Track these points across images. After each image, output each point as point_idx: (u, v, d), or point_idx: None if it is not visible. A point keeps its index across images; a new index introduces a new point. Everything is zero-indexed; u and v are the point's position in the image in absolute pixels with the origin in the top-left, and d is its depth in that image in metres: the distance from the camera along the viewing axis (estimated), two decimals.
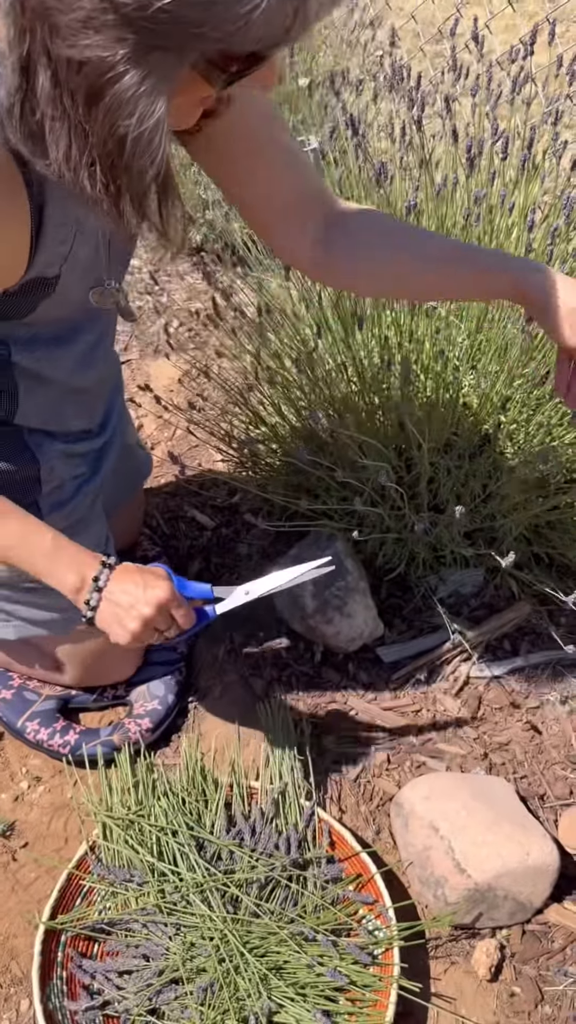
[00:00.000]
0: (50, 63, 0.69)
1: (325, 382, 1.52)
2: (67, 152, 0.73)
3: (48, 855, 1.31)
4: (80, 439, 1.25)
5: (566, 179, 1.48)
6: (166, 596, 1.05)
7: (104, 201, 0.76)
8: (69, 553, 1.04)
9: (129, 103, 0.67)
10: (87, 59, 0.66)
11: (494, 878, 1.18)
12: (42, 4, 0.65)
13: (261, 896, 1.16)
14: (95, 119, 0.70)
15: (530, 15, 3.85)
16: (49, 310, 1.01)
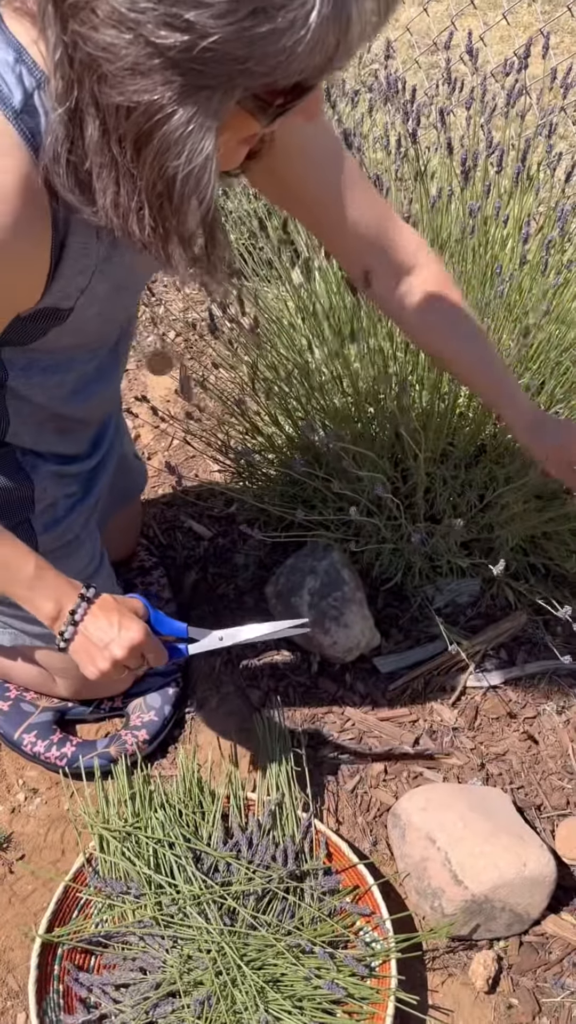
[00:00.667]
0: (98, 112, 0.70)
1: (321, 393, 1.52)
2: (115, 198, 0.75)
3: (45, 867, 1.31)
4: (71, 461, 1.25)
5: (561, 191, 1.49)
6: (139, 639, 1.05)
7: (153, 244, 0.78)
8: (49, 582, 1.04)
9: (178, 143, 0.68)
10: (135, 104, 0.67)
11: (491, 889, 1.18)
12: (90, 55, 0.66)
13: (258, 908, 1.16)
14: (144, 162, 0.71)
15: (525, 26, 3.87)
16: (60, 338, 1.00)
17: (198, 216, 0.75)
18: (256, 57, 0.63)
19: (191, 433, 1.70)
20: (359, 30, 0.64)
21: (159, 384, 2.15)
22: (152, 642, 1.09)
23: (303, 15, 0.61)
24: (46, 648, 1.32)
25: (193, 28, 0.61)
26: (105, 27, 0.64)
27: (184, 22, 0.61)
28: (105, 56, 0.65)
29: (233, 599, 1.65)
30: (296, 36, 0.62)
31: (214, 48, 0.62)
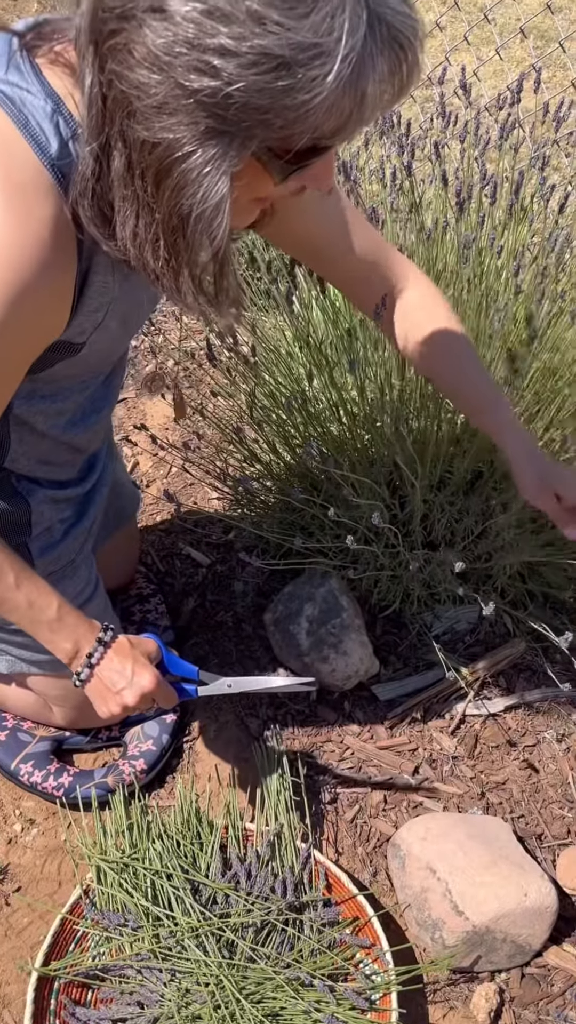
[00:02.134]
0: (125, 147, 0.75)
1: (318, 421, 1.53)
2: (134, 229, 0.79)
3: (41, 899, 1.30)
4: (65, 485, 1.26)
5: (554, 222, 1.51)
6: (149, 688, 1.09)
7: (165, 275, 0.82)
8: (70, 623, 1.08)
9: (195, 182, 0.73)
10: (160, 140, 0.72)
11: (492, 920, 1.17)
12: (123, 92, 0.71)
13: (257, 940, 1.15)
14: (162, 197, 0.75)
15: (518, 61, 3.94)
16: (66, 369, 1.04)
17: (209, 253, 0.79)
18: (275, 109, 0.68)
19: (190, 461, 1.71)
20: (373, 104, 0.70)
21: (158, 412, 2.16)
22: (162, 688, 1.12)
23: (322, 75, 0.66)
24: (43, 675, 1.32)
25: (220, 75, 0.66)
26: (140, 67, 0.69)
27: (212, 68, 0.66)
28: (136, 93, 0.70)
29: (231, 626, 1.65)
30: (313, 94, 0.67)
31: (237, 96, 0.67)
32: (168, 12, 0.66)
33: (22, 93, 0.81)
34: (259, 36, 0.65)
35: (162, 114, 0.70)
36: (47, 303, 0.88)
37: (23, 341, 0.90)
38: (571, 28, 4.23)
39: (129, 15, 0.68)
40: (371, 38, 0.67)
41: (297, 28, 0.65)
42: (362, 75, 0.68)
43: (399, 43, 0.69)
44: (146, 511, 1.91)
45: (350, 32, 0.65)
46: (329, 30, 0.65)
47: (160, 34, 0.67)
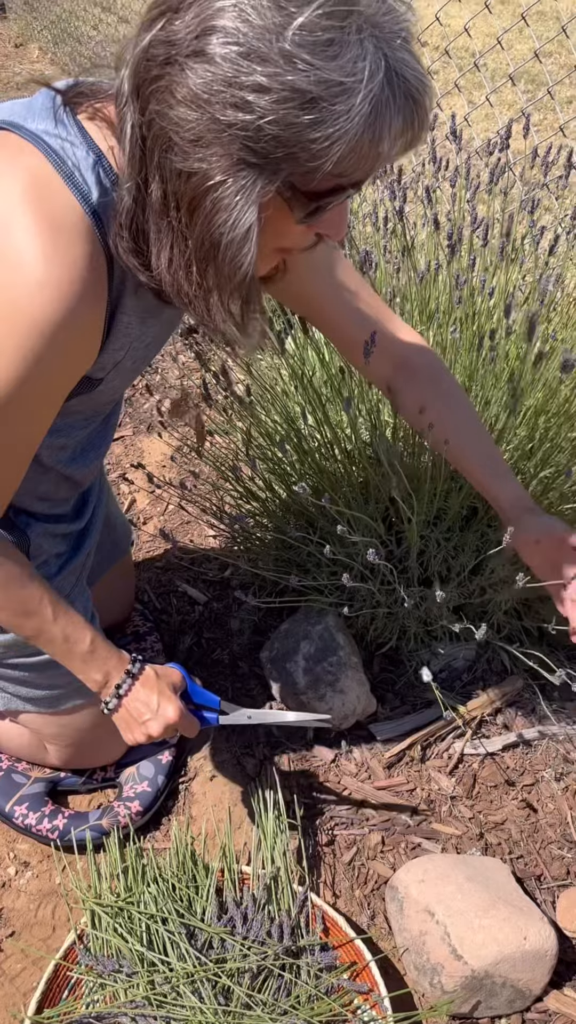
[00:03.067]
0: (162, 179, 0.81)
1: (313, 459, 1.54)
2: (169, 256, 0.86)
3: (35, 945, 1.28)
4: (61, 520, 1.28)
5: (544, 263, 1.53)
6: (173, 719, 1.16)
7: (197, 298, 0.88)
8: (101, 655, 1.14)
9: (226, 209, 0.79)
10: (195, 170, 0.78)
11: (491, 964, 1.15)
12: (163, 129, 0.78)
13: (253, 986, 1.13)
14: (195, 224, 0.81)
15: (508, 104, 4.02)
16: (78, 405, 1.07)
17: (237, 279, 0.84)
18: (302, 142, 0.74)
19: (186, 499, 1.71)
20: (388, 148, 0.77)
21: (155, 450, 2.18)
22: (185, 718, 1.18)
23: (345, 110, 0.73)
24: (38, 712, 1.32)
25: (254, 109, 0.73)
26: (180, 106, 0.76)
27: (247, 104, 0.73)
28: (175, 128, 0.77)
29: (228, 664, 1.65)
30: (337, 127, 0.74)
31: (268, 129, 0.74)
32: (208, 55, 0.73)
33: (66, 145, 0.87)
34: (291, 74, 0.71)
35: (198, 146, 0.77)
36: (84, 336, 0.92)
37: (63, 373, 0.95)
38: (560, 73, 4.33)
39: (172, 60, 0.75)
40: (388, 85, 0.74)
41: (325, 68, 0.72)
42: (379, 116, 0.74)
43: (412, 96, 0.76)
44: (143, 548, 1.91)
45: (371, 76, 0.73)
46: (352, 72, 0.72)
47: (200, 75, 0.74)
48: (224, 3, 0.72)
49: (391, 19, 0.75)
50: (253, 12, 0.71)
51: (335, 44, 0.72)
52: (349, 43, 0.72)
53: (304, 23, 0.71)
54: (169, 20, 0.76)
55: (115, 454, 2.19)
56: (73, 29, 5.32)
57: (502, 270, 1.50)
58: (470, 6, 4.37)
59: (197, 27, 0.73)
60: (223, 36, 0.72)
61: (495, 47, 2.26)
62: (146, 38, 0.78)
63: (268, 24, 0.71)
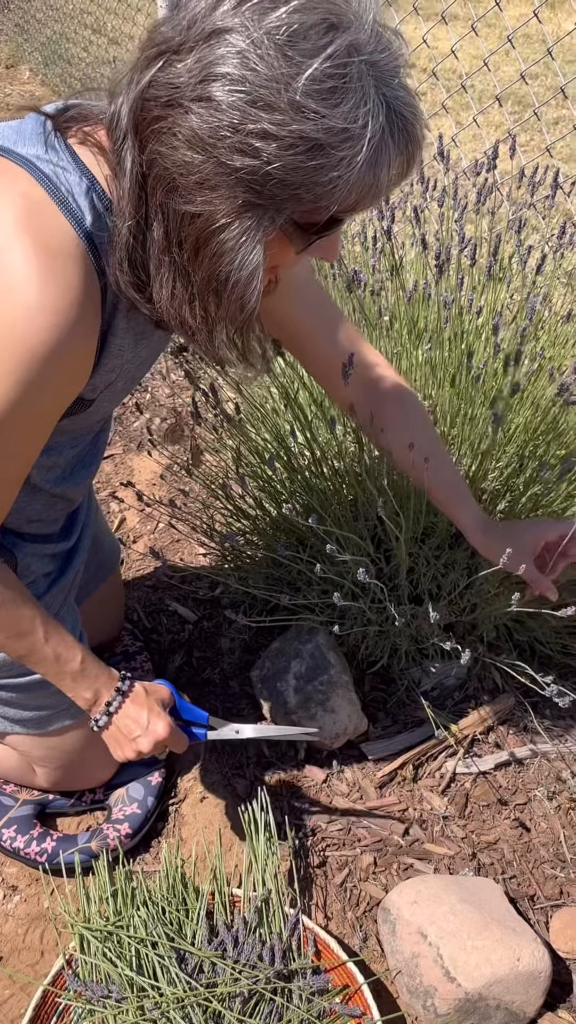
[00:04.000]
0: (165, 218, 0.82)
1: (303, 476, 1.54)
2: (172, 291, 0.87)
3: (23, 970, 1.26)
4: (49, 540, 1.27)
5: (531, 282, 1.54)
6: (163, 736, 1.16)
7: (201, 332, 0.89)
8: (91, 673, 1.14)
9: (232, 251, 0.80)
10: (200, 212, 0.79)
11: (485, 986, 1.14)
12: (166, 170, 0.79)
13: (244, 1011, 1.12)
14: (200, 263, 0.82)
15: (496, 125, 4.06)
16: (69, 424, 1.07)
17: (243, 316, 0.86)
18: (307, 185, 0.76)
19: (176, 517, 1.71)
20: (385, 183, 0.80)
21: (145, 468, 2.17)
22: (175, 735, 1.18)
23: (350, 156, 0.75)
24: (26, 734, 1.31)
25: (260, 155, 0.74)
26: (183, 148, 0.77)
27: (254, 149, 0.74)
28: (179, 171, 0.78)
29: (218, 684, 1.64)
30: (341, 172, 0.76)
31: (275, 173, 0.75)
32: (214, 101, 0.74)
33: (58, 170, 0.87)
34: (299, 122, 0.73)
35: (203, 189, 0.77)
36: (78, 360, 0.93)
37: (57, 396, 0.95)
38: (546, 94, 4.38)
39: (174, 103, 0.76)
40: (387, 125, 0.77)
41: (331, 115, 0.73)
42: (380, 156, 0.77)
43: (408, 131, 0.79)
44: (132, 567, 1.90)
45: (373, 120, 0.75)
46: (355, 118, 0.74)
47: (205, 120, 0.74)
48: (227, 49, 0.73)
49: (388, 57, 0.76)
50: (260, 61, 0.72)
51: (339, 91, 0.73)
52: (352, 89, 0.74)
53: (312, 74, 0.72)
54: (169, 61, 0.76)
55: (105, 472, 2.19)
56: (64, 51, 5.36)
57: (490, 289, 1.51)
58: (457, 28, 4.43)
59: (200, 72, 0.74)
60: (228, 83, 0.73)
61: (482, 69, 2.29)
62: (145, 77, 0.78)
63: (276, 74, 0.72)
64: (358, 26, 0.74)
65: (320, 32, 0.73)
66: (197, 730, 1.26)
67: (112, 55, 4.66)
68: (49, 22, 5.82)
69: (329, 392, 1.32)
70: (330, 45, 0.72)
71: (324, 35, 0.73)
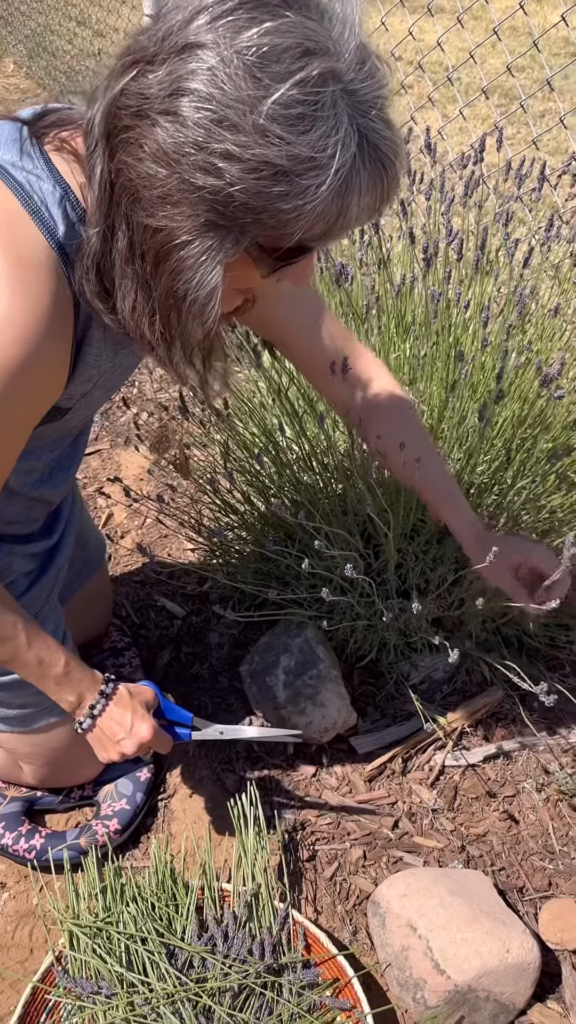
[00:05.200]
0: (129, 229, 0.81)
1: (292, 470, 1.54)
2: (133, 304, 0.85)
3: (12, 967, 1.26)
4: (29, 539, 1.26)
5: (519, 275, 1.54)
6: (147, 738, 1.17)
7: (160, 346, 0.88)
8: (75, 677, 1.15)
9: (191, 269, 0.79)
10: (161, 227, 0.78)
11: (474, 978, 1.15)
12: (131, 181, 0.77)
13: (235, 1005, 1.12)
14: (160, 277, 0.81)
15: (483, 118, 4.06)
16: (46, 431, 1.07)
17: (200, 335, 0.85)
18: (270, 210, 0.75)
19: (164, 512, 1.70)
20: (355, 214, 0.78)
21: (132, 463, 2.16)
22: (159, 736, 1.19)
23: (314, 185, 0.73)
24: (11, 732, 1.30)
25: (223, 176, 0.72)
26: (149, 160, 0.75)
27: (217, 169, 0.72)
28: (143, 183, 0.76)
29: (207, 679, 1.64)
30: (305, 200, 0.74)
31: (237, 196, 0.73)
32: (180, 116, 0.72)
33: (31, 178, 0.86)
34: (262, 147, 0.71)
35: (166, 204, 0.76)
36: (49, 373, 0.92)
37: (28, 408, 0.95)
38: (532, 87, 4.38)
39: (143, 114, 0.74)
40: (359, 156, 0.74)
41: (296, 143, 0.71)
42: (349, 187, 0.75)
43: (382, 163, 0.76)
44: (120, 563, 1.90)
45: (343, 150, 0.73)
46: (324, 147, 0.72)
47: (171, 134, 0.73)
48: (197, 65, 0.71)
49: (368, 86, 0.74)
50: (227, 80, 0.70)
51: (308, 118, 0.71)
52: (323, 117, 0.72)
53: (279, 99, 0.70)
54: (142, 71, 0.75)
55: (92, 468, 2.18)
56: (48, 43, 5.32)
57: (477, 282, 1.51)
58: (443, 21, 4.42)
59: (169, 85, 0.72)
60: (196, 99, 0.71)
61: (468, 61, 2.28)
62: (119, 85, 0.76)
63: (243, 95, 0.70)
64: (337, 53, 0.72)
65: (294, 56, 0.70)
66: (181, 730, 1.26)
67: (97, 47, 4.63)
68: (33, 14, 5.78)
69: (321, 393, 1.31)
70: (301, 70, 0.70)
71: (297, 59, 0.71)
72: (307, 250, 0.82)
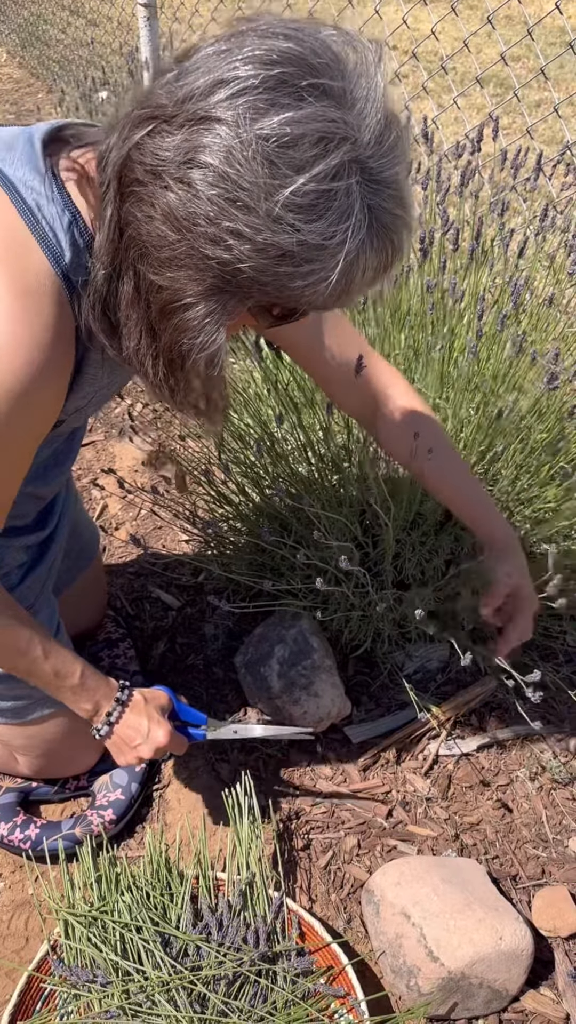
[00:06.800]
0: (135, 276, 0.81)
1: (287, 463, 1.54)
2: (137, 345, 0.86)
3: (8, 957, 1.26)
4: (22, 532, 1.26)
5: (514, 265, 1.54)
6: (163, 743, 1.20)
7: (163, 386, 0.88)
8: (91, 686, 1.18)
9: (194, 330, 0.79)
10: (166, 286, 0.78)
11: (467, 965, 1.15)
12: (139, 236, 0.77)
13: (229, 993, 1.12)
14: (165, 329, 0.81)
15: (478, 108, 4.05)
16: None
17: (202, 387, 0.87)
18: (275, 285, 0.76)
19: (158, 504, 1.70)
20: (359, 287, 0.78)
21: (126, 455, 2.16)
22: (175, 739, 1.23)
23: (321, 268, 0.74)
24: (5, 723, 1.30)
25: (232, 251, 0.73)
26: (159, 221, 0.75)
27: (227, 245, 0.73)
28: (152, 242, 0.77)
29: (202, 670, 1.64)
30: (311, 281, 0.75)
31: (244, 270, 0.74)
32: (194, 188, 0.72)
33: (42, 200, 0.86)
34: (273, 232, 0.71)
35: (173, 266, 0.76)
36: (50, 401, 0.93)
37: (31, 433, 0.95)
38: (527, 76, 4.37)
39: (158, 173, 0.74)
40: (367, 238, 0.75)
41: (307, 231, 0.72)
42: (355, 267, 0.75)
43: (391, 240, 0.77)
44: (115, 554, 1.90)
45: (352, 236, 0.73)
46: (333, 234, 0.73)
47: (183, 202, 0.73)
48: (213, 140, 0.70)
49: (387, 163, 0.73)
50: (244, 163, 0.70)
51: (320, 207, 0.71)
52: (335, 207, 0.72)
53: (295, 190, 0.70)
54: (159, 129, 0.74)
55: (86, 459, 2.18)
56: (41, 33, 5.29)
57: (472, 272, 1.51)
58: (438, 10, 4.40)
59: (185, 154, 0.72)
60: (210, 174, 0.71)
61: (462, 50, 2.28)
62: (135, 137, 0.75)
63: (259, 182, 0.70)
64: (356, 136, 0.71)
65: (312, 144, 0.70)
66: (195, 731, 1.28)
67: (90, 36, 4.60)
68: (26, 3, 5.74)
69: (333, 400, 1.31)
70: (320, 161, 0.70)
71: (315, 148, 0.70)
72: (307, 312, 0.84)
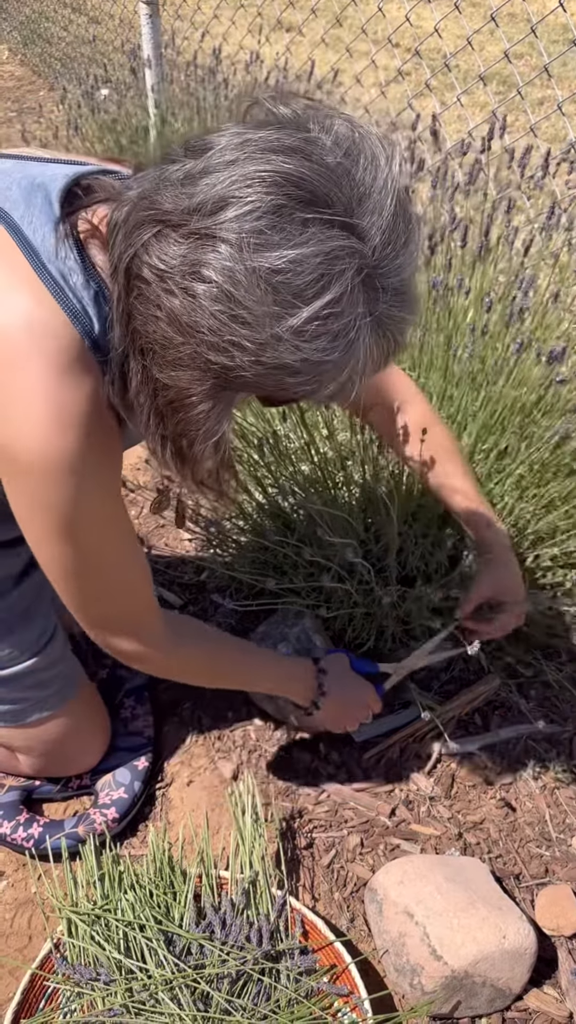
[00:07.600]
0: (142, 370, 0.82)
1: (290, 460, 1.53)
2: (147, 425, 0.86)
3: (11, 955, 1.26)
4: (16, 544, 1.24)
5: (520, 263, 1.53)
6: (370, 700, 1.39)
7: (174, 466, 0.89)
8: (297, 675, 1.34)
9: (198, 424, 0.80)
10: (170, 384, 0.79)
11: (471, 964, 1.15)
12: (146, 333, 0.77)
13: (233, 991, 1.12)
14: (171, 419, 0.82)
15: (481, 105, 4.04)
16: None
17: (207, 469, 0.87)
18: (275, 387, 0.77)
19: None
20: (357, 383, 0.78)
21: (129, 454, 2.16)
22: (375, 697, 1.40)
23: (323, 377, 0.75)
24: (4, 726, 1.30)
25: (234, 359, 0.73)
26: (164, 322, 0.75)
27: (229, 354, 0.73)
28: (157, 343, 0.77)
29: None
30: (312, 387, 0.77)
31: (246, 376, 0.75)
32: (198, 300, 0.72)
33: (66, 271, 0.86)
34: (275, 349, 0.72)
35: (177, 367, 0.77)
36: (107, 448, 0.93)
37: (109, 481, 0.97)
38: (530, 74, 4.36)
39: (165, 278, 0.74)
40: (369, 341, 0.75)
41: (309, 349, 0.72)
42: (355, 371, 0.76)
43: (395, 340, 0.78)
44: None
45: (355, 350, 0.74)
46: (335, 348, 0.73)
47: (187, 310, 0.73)
48: (216, 258, 0.70)
49: (395, 268, 0.73)
50: (248, 290, 0.70)
51: (326, 334, 0.72)
52: (337, 329, 0.72)
53: (300, 318, 0.70)
54: (164, 233, 0.73)
55: None
56: (43, 30, 5.29)
57: (478, 270, 1.50)
58: (441, 7, 4.39)
59: (190, 266, 0.72)
60: (214, 290, 0.71)
61: (465, 48, 2.27)
62: (143, 236, 0.75)
63: (263, 308, 0.70)
64: (363, 248, 0.71)
65: (315, 276, 0.70)
66: (377, 686, 1.42)
67: (92, 34, 4.60)
68: (29, 0, 5.73)
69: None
70: (325, 293, 0.70)
71: (319, 279, 0.70)
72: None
